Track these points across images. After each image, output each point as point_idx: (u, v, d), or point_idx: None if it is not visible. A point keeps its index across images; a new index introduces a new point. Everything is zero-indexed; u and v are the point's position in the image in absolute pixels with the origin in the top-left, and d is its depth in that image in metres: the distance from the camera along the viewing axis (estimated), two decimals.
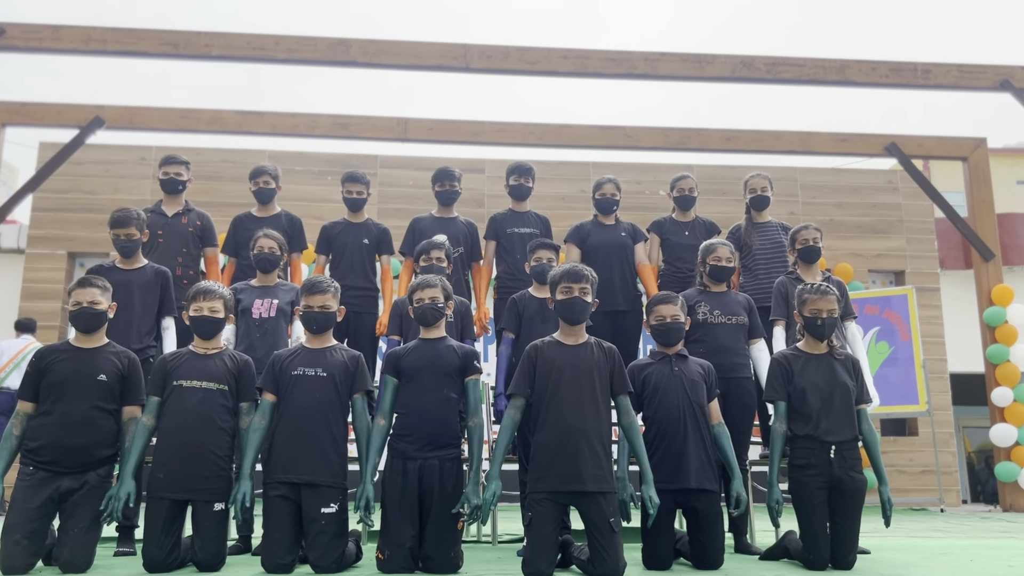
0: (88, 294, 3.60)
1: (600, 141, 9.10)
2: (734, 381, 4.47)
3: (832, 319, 3.79)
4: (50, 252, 9.42)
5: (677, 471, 3.68)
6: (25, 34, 7.19)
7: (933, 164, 18.57)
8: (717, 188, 9.97)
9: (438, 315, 3.74)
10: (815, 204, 11.04)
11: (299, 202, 9.20)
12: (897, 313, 9.20)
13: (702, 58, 8.01)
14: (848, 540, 3.63)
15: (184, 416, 3.56)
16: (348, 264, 5.26)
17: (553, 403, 3.44)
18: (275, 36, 7.51)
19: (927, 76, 8.20)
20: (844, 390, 3.74)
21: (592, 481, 3.35)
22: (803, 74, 8.13)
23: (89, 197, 9.42)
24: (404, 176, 10.33)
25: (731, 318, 4.53)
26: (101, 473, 3.45)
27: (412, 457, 3.54)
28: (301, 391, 3.61)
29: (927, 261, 11.11)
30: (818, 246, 4.80)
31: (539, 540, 3.31)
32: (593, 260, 5.21)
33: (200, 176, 9.55)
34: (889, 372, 9.18)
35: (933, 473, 9.99)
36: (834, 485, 3.63)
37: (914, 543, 5.08)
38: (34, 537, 3.35)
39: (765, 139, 9.25)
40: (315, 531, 3.46)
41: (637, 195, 9.73)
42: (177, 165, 5.27)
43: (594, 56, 7.89)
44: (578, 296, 3.52)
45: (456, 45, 7.76)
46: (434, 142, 8.98)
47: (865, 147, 9.45)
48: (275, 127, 8.56)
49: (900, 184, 11.18)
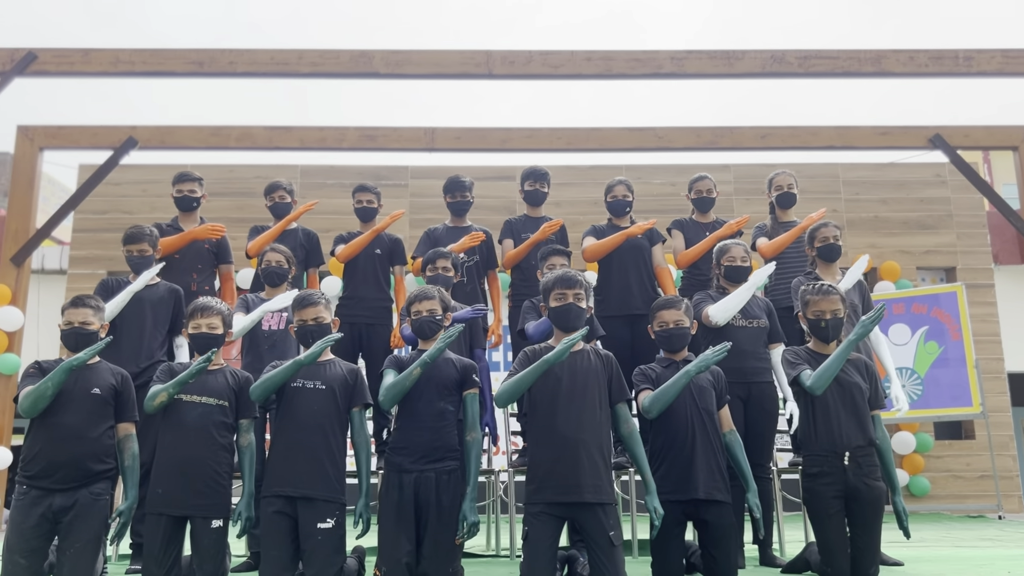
0: (80, 314, 3.61)
1: (630, 143, 8.91)
2: (755, 386, 4.30)
3: (837, 320, 3.61)
4: (91, 272, 9.62)
5: (685, 481, 3.52)
6: (56, 59, 7.33)
7: (993, 155, 17.92)
8: (755, 187, 9.71)
9: (436, 327, 3.66)
10: (858, 201, 10.69)
11: (331, 215, 9.26)
12: (946, 311, 8.83)
13: (731, 54, 7.79)
14: (869, 552, 3.44)
15: (182, 431, 3.53)
16: (361, 275, 5.21)
17: (550, 412, 3.33)
18: (298, 51, 7.53)
19: (969, 64, 7.84)
20: (858, 391, 3.55)
21: (591, 492, 3.23)
22: (837, 67, 7.83)
23: (127, 217, 9.58)
24: (435, 186, 10.28)
25: (752, 321, 4.37)
26: (94, 491, 3.43)
27: (408, 470, 3.46)
28: (299, 404, 3.56)
29: (980, 256, 10.65)
30: (838, 244, 4.60)
31: (536, 554, 3.20)
32: (610, 263, 5.10)
33: (233, 193, 9.72)
34: (940, 373, 8.81)
35: (991, 478, 9.56)
36: (850, 494, 3.45)
37: (956, 553, 4.82)
38: (33, 556, 3.35)
39: (801, 135, 8.94)
40: (312, 547, 3.40)
41: (671, 197, 9.53)
42: (190, 182, 5.30)
43: (619, 57, 7.74)
44: (572, 302, 3.41)
45: (478, 52, 7.67)
46: (462, 151, 8.91)
47: (908, 140, 9.06)
48: (303, 141, 8.58)
49: (948, 177, 10.75)
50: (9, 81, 7.28)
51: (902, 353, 8.77)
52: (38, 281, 9.57)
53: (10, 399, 7.92)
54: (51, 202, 12.58)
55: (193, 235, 5.16)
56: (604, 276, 5.11)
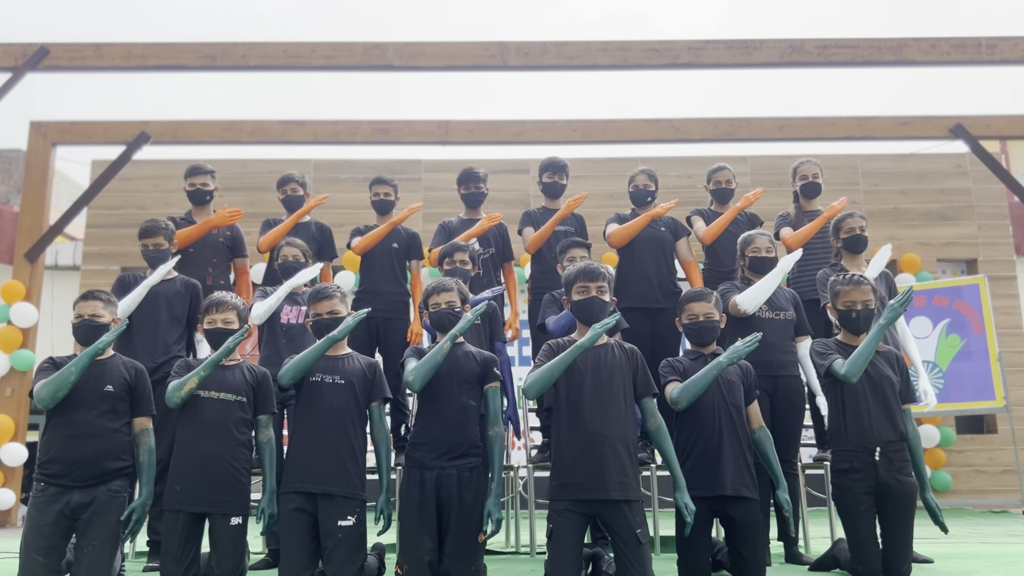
0: (90, 307, 3.57)
1: (647, 135, 8.86)
2: (782, 380, 4.22)
3: (868, 311, 3.52)
4: (104, 268, 9.61)
5: (712, 477, 3.43)
6: (68, 53, 7.32)
7: (1011, 145, 17.70)
8: (773, 179, 9.59)
9: (455, 320, 3.58)
10: (878, 192, 10.56)
11: (344, 210, 9.21)
12: (968, 304, 8.70)
13: (749, 44, 7.70)
14: (901, 549, 3.35)
15: (201, 427, 3.48)
16: (379, 269, 5.14)
17: (574, 408, 3.24)
18: (311, 43, 7.49)
19: (992, 51, 7.73)
20: (888, 385, 3.45)
21: (617, 489, 3.15)
22: (857, 56, 7.74)
23: (140, 212, 9.55)
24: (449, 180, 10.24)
25: (778, 313, 4.29)
26: (112, 488, 3.39)
27: (429, 467, 3.39)
28: (318, 398, 3.51)
29: (1002, 248, 10.51)
30: (864, 235, 4.50)
31: (561, 553, 3.12)
32: (630, 255, 5.02)
33: (247, 187, 9.67)
34: (962, 367, 8.68)
35: (1015, 473, 9.43)
36: (881, 490, 3.36)
37: (985, 550, 4.72)
38: (51, 554, 3.30)
39: (820, 126, 8.86)
40: (332, 544, 3.34)
41: (688, 189, 9.43)
42: (203, 175, 5.24)
43: (635, 47, 7.66)
44: (595, 295, 3.33)
45: (493, 43, 7.61)
46: (476, 143, 8.87)
47: (928, 130, 8.96)
48: (316, 135, 8.56)
49: (970, 168, 10.61)
50: (22, 76, 7.26)
51: (924, 346, 8.64)
52: (51, 277, 9.57)
53: (25, 394, 7.93)
54: (64, 199, 12.58)
55: (211, 224, 5.09)
56: (624, 268, 5.02)
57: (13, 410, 7.96)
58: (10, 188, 14.73)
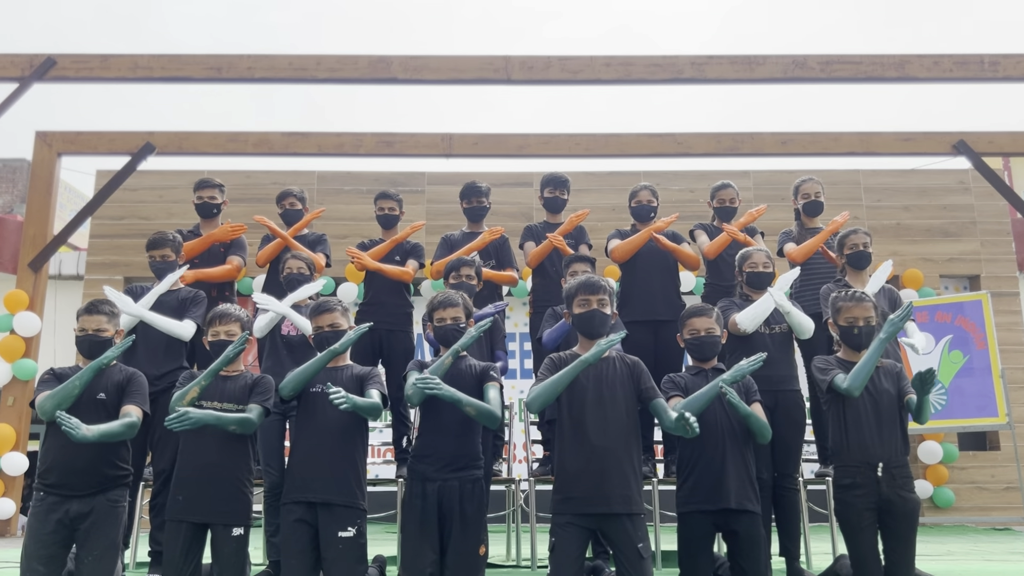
0: (94, 321, 3.59)
1: (649, 149, 8.87)
2: (782, 394, 4.21)
3: (870, 327, 3.52)
4: (107, 278, 9.62)
5: (716, 491, 3.44)
6: (75, 64, 7.34)
7: (1014, 161, 17.72)
8: (776, 194, 9.60)
9: (459, 336, 3.58)
10: (880, 208, 10.57)
11: (348, 221, 9.25)
12: (971, 320, 8.69)
13: (752, 59, 7.72)
14: (903, 566, 3.35)
15: (204, 438, 3.48)
16: (382, 282, 5.16)
17: (577, 421, 3.25)
18: (316, 56, 7.52)
19: (995, 68, 7.74)
20: (889, 400, 3.46)
21: (620, 502, 3.15)
22: (860, 72, 7.75)
23: (144, 223, 9.58)
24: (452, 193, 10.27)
25: (775, 327, 4.29)
26: (111, 498, 3.40)
27: (431, 479, 3.39)
28: (318, 409, 3.52)
29: (1004, 264, 10.50)
30: (868, 251, 4.51)
31: (564, 566, 3.12)
32: (633, 269, 5.03)
33: (250, 199, 9.68)
34: (964, 383, 8.65)
35: (1018, 490, 9.39)
36: (883, 506, 3.35)
37: (987, 567, 4.70)
38: (51, 563, 3.31)
39: (823, 141, 8.87)
40: (332, 556, 3.34)
41: (691, 203, 9.45)
42: (211, 189, 5.30)
43: (638, 62, 7.68)
44: (596, 308, 3.34)
45: (497, 57, 7.64)
46: (480, 156, 8.88)
47: (931, 146, 8.96)
48: (321, 147, 8.58)
49: (972, 184, 10.61)
50: (29, 86, 7.29)
51: (926, 362, 8.61)
52: (55, 287, 9.57)
53: (27, 404, 7.92)
54: (68, 208, 12.62)
55: (213, 238, 5.15)
56: (627, 282, 5.04)
57: (15, 420, 7.95)
58: (14, 197, 14.77)
